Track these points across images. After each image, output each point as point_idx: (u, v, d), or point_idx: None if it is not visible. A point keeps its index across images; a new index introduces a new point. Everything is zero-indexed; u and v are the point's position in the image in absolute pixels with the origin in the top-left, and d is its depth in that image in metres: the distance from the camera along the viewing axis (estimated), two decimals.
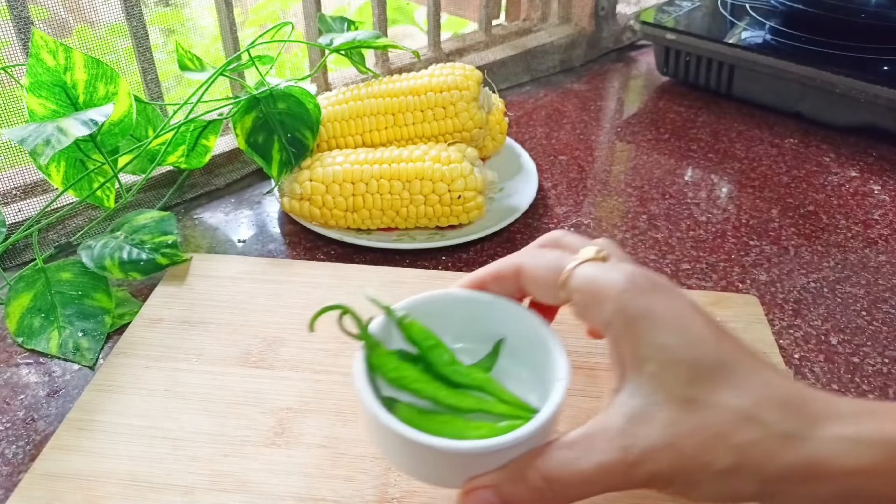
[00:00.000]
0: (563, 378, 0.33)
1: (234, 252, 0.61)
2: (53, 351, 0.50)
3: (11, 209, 0.60)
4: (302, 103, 0.61)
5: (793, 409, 0.29)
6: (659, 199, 0.68)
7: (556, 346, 0.35)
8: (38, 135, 0.48)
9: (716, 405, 0.29)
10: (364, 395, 0.33)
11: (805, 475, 0.29)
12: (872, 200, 0.68)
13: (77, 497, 0.39)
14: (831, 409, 0.30)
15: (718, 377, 0.30)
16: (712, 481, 0.29)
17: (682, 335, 0.30)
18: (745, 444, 0.29)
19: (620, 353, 0.32)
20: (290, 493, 0.39)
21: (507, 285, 0.36)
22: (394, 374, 0.35)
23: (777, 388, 0.30)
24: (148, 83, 0.65)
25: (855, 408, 0.30)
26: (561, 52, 0.93)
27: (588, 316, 0.33)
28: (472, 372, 0.36)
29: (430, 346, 0.36)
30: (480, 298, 0.38)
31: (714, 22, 0.87)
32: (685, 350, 0.30)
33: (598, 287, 0.32)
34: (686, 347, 0.30)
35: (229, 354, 0.48)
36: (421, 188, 0.58)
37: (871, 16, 0.80)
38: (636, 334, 0.31)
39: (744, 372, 0.30)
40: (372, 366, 0.35)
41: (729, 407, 0.29)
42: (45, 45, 0.52)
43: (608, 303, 0.31)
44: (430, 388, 0.35)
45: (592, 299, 0.32)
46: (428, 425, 0.33)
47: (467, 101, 0.62)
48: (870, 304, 0.55)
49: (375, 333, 0.36)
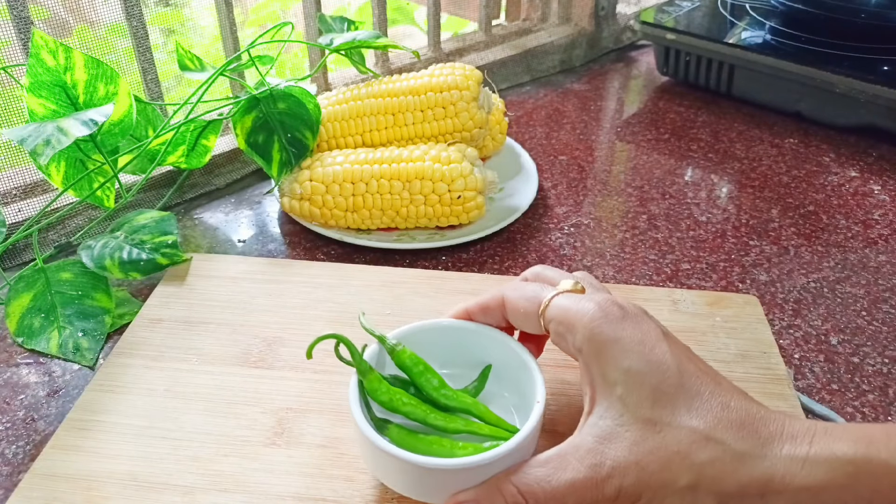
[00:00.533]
0: (541, 401, 0.37)
1: (234, 252, 0.61)
2: (53, 351, 0.50)
3: (11, 209, 0.60)
4: (302, 103, 0.61)
5: (748, 429, 0.32)
6: (659, 199, 0.68)
7: (536, 371, 0.38)
8: (38, 135, 0.48)
9: (677, 426, 0.32)
10: (358, 417, 0.36)
11: (759, 491, 0.31)
12: (872, 200, 0.68)
13: (77, 497, 0.39)
14: (786, 429, 0.32)
15: (680, 400, 0.32)
16: (675, 497, 0.32)
17: (646, 360, 0.33)
18: (703, 463, 0.31)
19: (591, 377, 0.34)
20: (290, 493, 0.39)
21: (494, 316, 0.40)
22: (386, 397, 0.38)
23: (734, 410, 0.32)
24: (148, 83, 0.65)
25: (809, 428, 0.32)
26: (561, 52, 0.93)
27: (563, 344, 0.36)
28: (459, 396, 0.40)
29: (419, 371, 0.39)
30: (467, 327, 0.41)
31: (714, 22, 0.87)
32: (649, 374, 0.32)
33: (571, 316, 0.35)
34: (650, 372, 0.33)
35: (229, 354, 0.48)
36: (421, 188, 0.58)
37: (871, 16, 0.80)
38: (604, 359, 0.33)
39: (704, 394, 0.33)
40: (366, 390, 0.38)
41: (688, 428, 0.32)
42: (45, 45, 0.52)
43: (579, 331, 0.34)
44: (419, 410, 0.38)
45: (566, 328, 0.35)
46: (417, 445, 0.36)
47: (467, 101, 0.62)
48: (870, 304, 0.55)
49: (369, 360, 0.39)
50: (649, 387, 0.32)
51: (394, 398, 0.38)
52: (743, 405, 0.33)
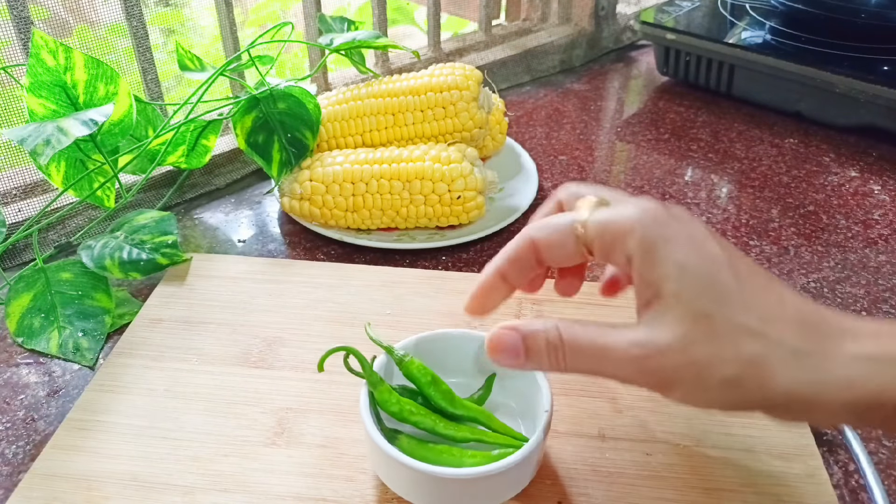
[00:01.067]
0: (548, 409, 0.37)
1: (234, 252, 0.61)
2: (53, 351, 0.50)
3: (11, 209, 0.60)
4: (302, 103, 0.61)
5: (806, 325, 0.30)
6: (659, 199, 0.68)
7: (542, 379, 0.39)
8: (38, 135, 0.48)
9: (729, 319, 0.30)
10: (369, 428, 0.37)
11: (814, 392, 0.29)
12: (872, 200, 0.68)
13: (77, 497, 0.39)
14: (848, 328, 0.30)
15: (733, 293, 0.31)
16: (717, 389, 0.30)
17: (698, 254, 0.31)
18: (752, 356, 0.30)
19: (644, 281, 0.32)
20: (290, 493, 0.39)
21: (527, 266, 0.36)
22: (395, 407, 0.38)
23: (790, 306, 0.31)
24: (148, 83, 0.65)
25: (876, 329, 0.30)
26: (561, 52, 0.93)
27: (612, 256, 0.34)
28: (467, 404, 0.40)
29: (427, 382, 0.40)
30: (472, 336, 0.42)
31: (714, 22, 0.87)
32: (701, 268, 0.31)
33: (616, 227, 0.33)
34: (702, 266, 0.31)
35: (229, 354, 0.48)
36: (421, 188, 0.58)
37: (871, 16, 0.80)
38: (656, 258, 0.32)
39: (757, 289, 0.31)
40: (376, 401, 0.39)
41: (740, 320, 0.30)
42: (45, 45, 0.52)
43: (629, 238, 0.32)
44: (429, 420, 0.39)
45: (613, 240, 0.33)
46: (427, 455, 0.37)
47: (467, 101, 0.62)
48: (870, 304, 0.55)
49: (378, 370, 0.39)
50: (702, 280, 0.31)
51: (403, 409, 0.39)
52: (800, 301, 0.31)
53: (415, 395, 0.40)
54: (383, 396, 0.38)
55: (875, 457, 0.43)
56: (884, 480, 0.41)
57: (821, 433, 0.44)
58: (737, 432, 0.43)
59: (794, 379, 0.29)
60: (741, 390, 0.30)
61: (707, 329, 0.30)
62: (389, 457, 0.36)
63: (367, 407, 0.38)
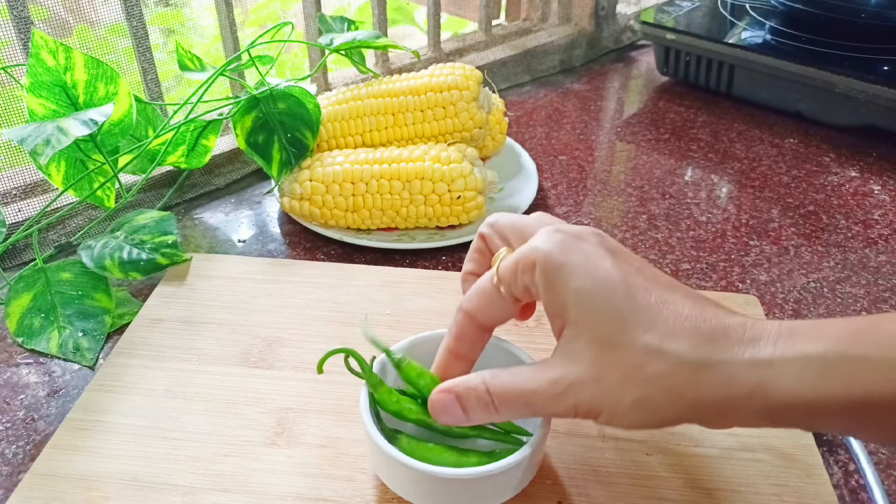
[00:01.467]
0: None
1: (234, 252, 0.61)
2: (53, 351, 0.50)
3: (11, 209, 0.60)
4: (302, 103, 0.61)
5: (704, 337, 0.30)
6: (659, 199, 0.68)
7: None
8: (38, 135, 0.48)
9: (630, 343, 0.31)
10: (369, 428, 0.37)
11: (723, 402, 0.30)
12: (872, 200, 0.68)
13: (77, 497, 0.39)
14: (747, 333, 0.30)
15: (630, 315, 0.31)
16: (632, 411, 0.31)
17: (591, 279, 0.32)
18: (656, 377, 0.30)
19: (551, 312, 0.34)
20: (290, 493, 0.39)
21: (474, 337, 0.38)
22: (396, 408, 0.39)
23: (688, 319, 0.31)
24: (148, 83, 0.65)
25: (772, 330, 0.30)
26: (561, 52, 0.93)
27: (529, 294, 0.35)
28: None
29: (425, 384, 0.39)
30: None
31: (714, 22, 0.87)
32: (596, 293, 0.32)
33: (521, 265, 0.34)
34: (596, 291, 0.32)
35: (229, 354, 0.48)
36: (421, 188, 0.58)
37: (871, 16, 0.80)
38: (556, 286, 0.33)
39: (654, 306, 0.31)
40: (376, 401, 0.39)
41: (640, 343, 0.31)
42: (45, 45, 0.52)
43: (530, 271, 0.34)
44: (429, 418, 0.39)
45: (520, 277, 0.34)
46: (427, 455, 0.37)
47: (467, 101, 0.62)
48: (870, 304, 0.55)
49: (378, 371, 0.40)
50: (599, 304, 0.32)
51: (403, 408, 0.39)
52: (698, 313, 0.31)
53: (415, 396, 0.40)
54: (383, 397, 0.38)
55: (875, 457, 0.43)
56: (884, 480, 0.41)
57: (821, 433, 0.44)
58: (737, 432, 0.43)
59: (698, 393, 0.30)
60: (654, 409, 0.31)
61: (611, 354, 0.31)
62: (389, 457, 0.36)
63: (367, 407, 0.38)
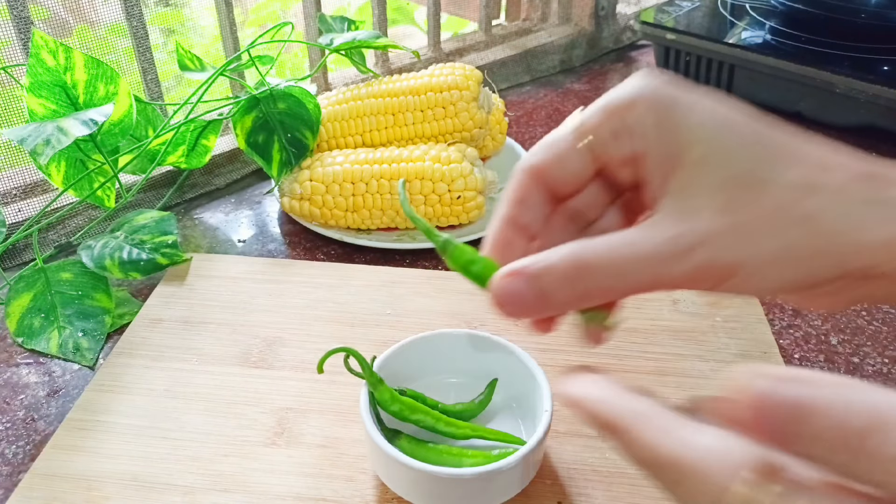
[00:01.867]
0: (548, 409, 0.38)
1: (234, 252, 0.61)
2: (53, 351, 0.50)
3: (11, 209, 0.60)
4: (302, 103, 0.61)
5: (859, 174, 0.25)
6: None
7: (542, 379, 0.39)
8: (38, 135, 0.48)
9: (773, 180, 0.25)
10: (369, 428, 0.37)
11: None
12: None
13: (77, 497, 0.39)
14: None
15: (771, 150, 0.26)
16: (779, 264, 0.25)
17: (714, 113, 0.26)
18: (811, 215, 0.24)
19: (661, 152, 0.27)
20: (290, 493, 0.39)
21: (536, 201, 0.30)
22: (396, 408, 0.39)
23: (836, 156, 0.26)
24: (148, 83, 0.65)
25: None
26: (561, 52, 0.93)
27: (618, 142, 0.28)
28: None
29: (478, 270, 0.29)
30: (473, 334, 0.43)
31: (714, 22, 0.87)
32: (727, 127, 0.26)
33: (619, 102, 0.27)
34: (726, 124, 0.26)
35: (229, 354, 0.48)
36: (421, 188, 0.58)
37: (871, 16, 0.80)
38: (670, 122, 0.26)
39: (794, 143, 0.26)
40: (376, 401, 0.39)
41: (786, 178, 0.25)
42: (45, 45, 0.52)
43: (636, 109, 0.27)
44: (430, 418, 0.39)
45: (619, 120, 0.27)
46: (427, 455, 0.38)
47: (467, 101, 0.62)
48: (870, 304, 0.55)
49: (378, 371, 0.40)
50: (731, 140, 0.26)
51: (403, 408, 0.39)
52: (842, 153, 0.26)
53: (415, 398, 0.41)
54: (383, 397, 0.39)
55: None
56: None
57: None
58: None
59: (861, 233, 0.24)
60: (808, 258, 0.24)
61: (749, 193, 0.25)
62: (389, 457, 0.36)
63: (367, 407, 0.38)
